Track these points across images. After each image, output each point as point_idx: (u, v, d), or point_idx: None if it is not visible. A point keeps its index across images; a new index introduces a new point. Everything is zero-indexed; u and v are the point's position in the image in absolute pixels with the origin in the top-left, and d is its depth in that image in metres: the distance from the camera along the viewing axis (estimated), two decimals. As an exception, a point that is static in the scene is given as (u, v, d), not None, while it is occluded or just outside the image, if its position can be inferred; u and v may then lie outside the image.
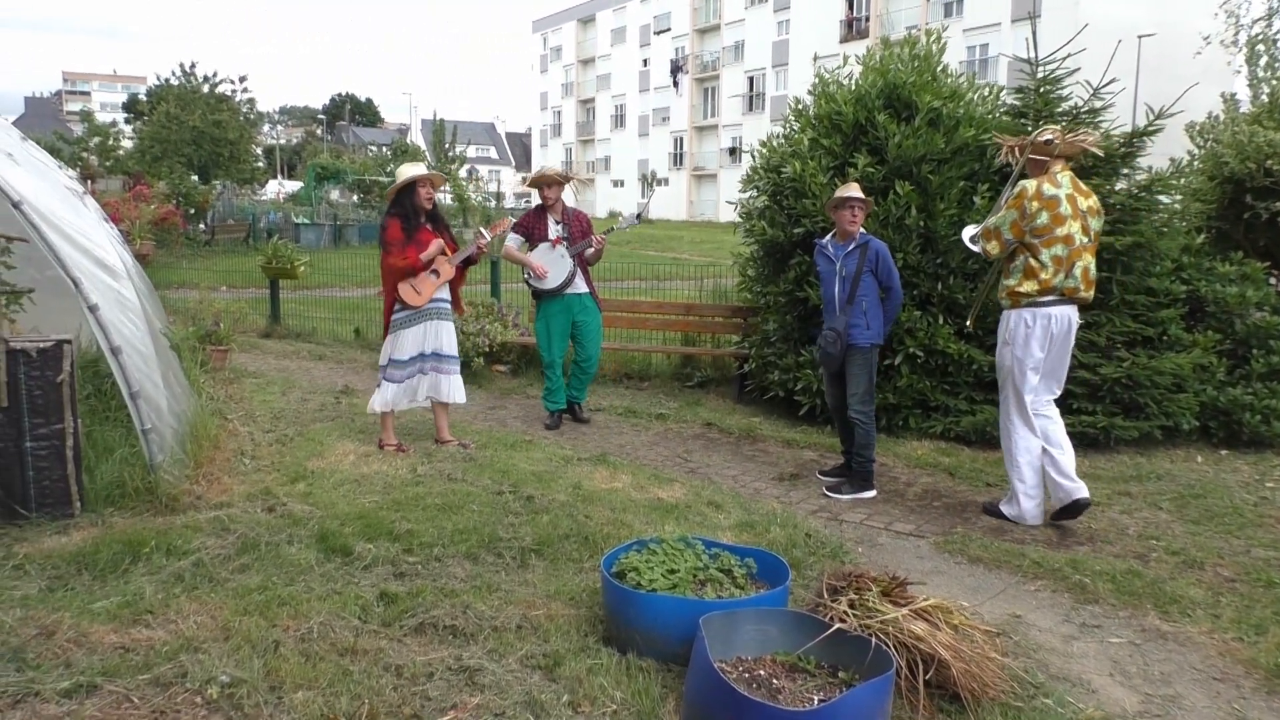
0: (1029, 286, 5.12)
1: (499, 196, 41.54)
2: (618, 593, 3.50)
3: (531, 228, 7.30)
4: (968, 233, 5.63)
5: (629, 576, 3.60)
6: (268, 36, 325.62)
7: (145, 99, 43.78)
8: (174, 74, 34.59)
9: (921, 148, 7.00)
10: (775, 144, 8.16)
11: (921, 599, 3.43)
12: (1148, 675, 3.59)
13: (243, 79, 35.78)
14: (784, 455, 6.73)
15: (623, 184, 66.70)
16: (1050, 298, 5.12)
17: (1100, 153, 5.67)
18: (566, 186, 7.41)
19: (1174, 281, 7.21)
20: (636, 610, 3.44)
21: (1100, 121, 7.17)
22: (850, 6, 47.34)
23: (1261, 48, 8.64)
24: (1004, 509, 5.39)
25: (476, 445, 6.45)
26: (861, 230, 5.87)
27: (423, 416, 7.35)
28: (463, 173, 41.21)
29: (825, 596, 3.50)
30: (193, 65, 34.46)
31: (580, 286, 7.27)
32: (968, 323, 6.23)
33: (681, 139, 61.43)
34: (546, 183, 7.23)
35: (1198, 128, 8.76)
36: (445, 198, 36.85)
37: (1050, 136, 5.20)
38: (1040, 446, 5.25)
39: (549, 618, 3.76)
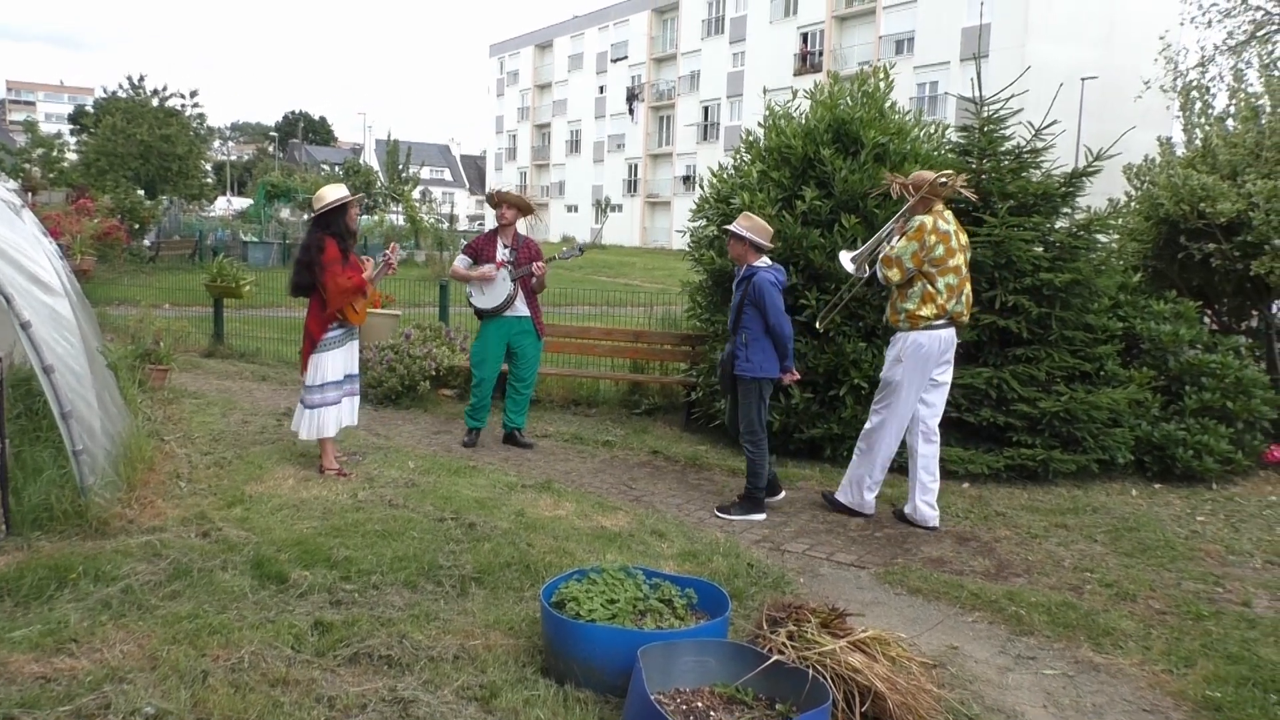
0: (928, 310, 5.65)
1: (452, 219, 41.37)
2: (556, 623, 3.47)
3: (481, 250, 7.36)
4: (845, 256, 6.03)
5: (568, 606, 3.58)
6: (222, 52, 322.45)
7: (92, 111, 43.05)
8: (121, 86, 34.11)
9: (867, 182, 7.12)
10: (725, 175, 8.25)
11: (860, 630, 3.45)
12: (1080, 707, 3.64)
13: (193, 93, 35.43)
14: (729, 484, 6.73)
15: (576, 209, 66.86)
16: (942, 321, 5.71)
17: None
18: (524, 217, 7.49)
19: (1111, 318, 7.39)
20: (575, 641, 3.41)
21: (1041, 161, 7.36)
22: (804, 41, 48.15)
23: (1195, 94, 8.93)
24: (841, 498, 6.02)
25: (420, 471, 6.39)
26: (754, 263, 5.88)
27: (364, 440, 7.26)
28: (416, 194, 41.02)
29: (765, 628, 3.51)
30: (141, 78, 34.06)
31: (521, 310, 7.33)
32: (818, 324, 6.66)
33: (636, 166, 61.79)
34: (508, 203, 7.33)
35: (1135, 170, 9.01)
36: (397, 218, 36.70)
37: (945, 180, 5.69)
38: (895, 450, 5.93)
39: (487, 648, 3.71)
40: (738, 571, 4.72)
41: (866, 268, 5.95)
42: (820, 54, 46.72)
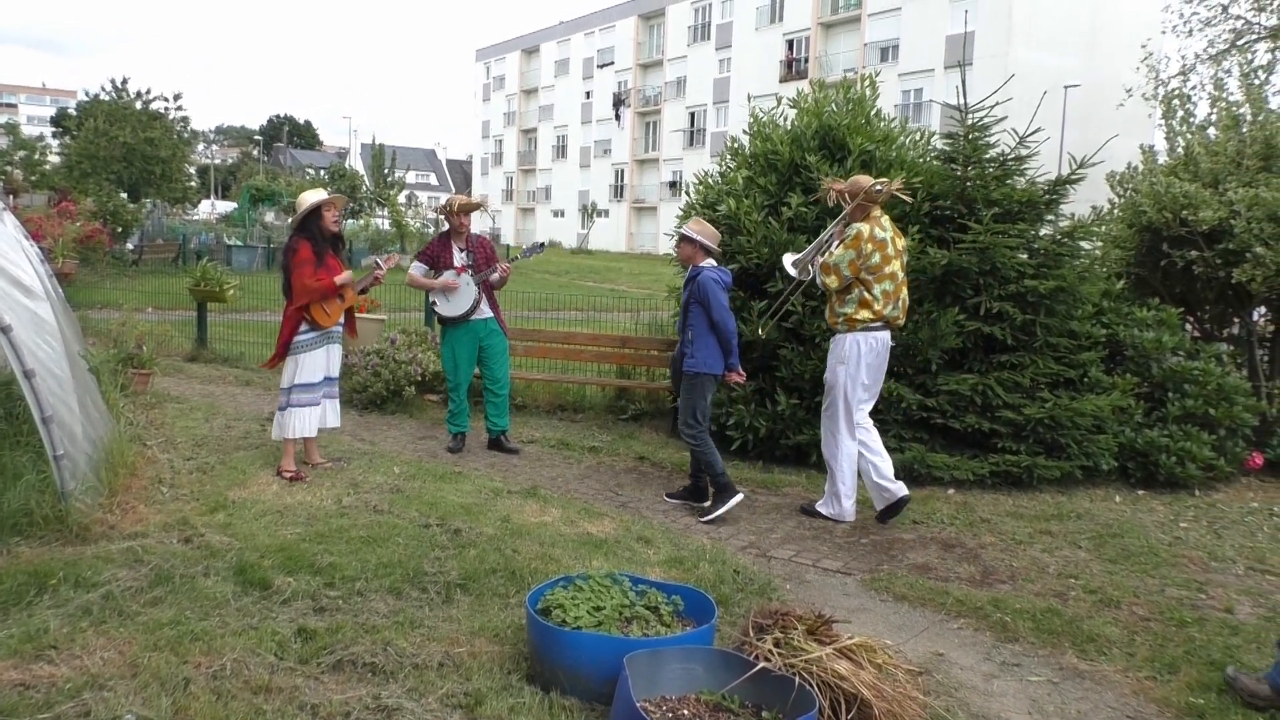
0: (864, 315, 5.85)
1: (437, 223, 41.26)
2: (542, 630, 3.46)
3: (437, 256, 7.37)
4: (787, 259, 6.26)
5: (554, 613, 3.56)
6: (207, 56, 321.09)
7: (74, 114, 42.76)
8: (104, 89, 33.90)
9: (855, 189, 7.12)
10: (711, 181, 8.25)
11: (846, 637, 3.45)
12: (1065, 714, 3.65)
13: (177, 96, 35.18)
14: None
15: (563, 214, 66.85)
16: (878, 324, 5.90)
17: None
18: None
19: (1095, 325, 7.43)
20: (560, 648, 3.40)
21: (1025, 169, 7.40)
22: (790, 48, 48.30)
23: (1176, 102, 9.00)
24: (822, 509, 6.06)
25: (405, 476, 6.36)
26: (699, 264, 6.07)
27: (349, 445, 7.23)
28: (401, 198, 40.89)
29: (751, 635, 3.50)
30: (124, 81, 33.83)
31: (486, 312, 7.36)
32: (760, 331, 6.84)
33: (622, 171, 61.83)
34: (466, 210, 7.39)
35: (1118, 177, 9.06)
36: (383, 222, 36.57)
37: (880, 187, 5.87)
38: (857, 450, 5.96)
39: (472, 655, 3.69)
40: (724, 578, 4.71)
41: (809, 269, 6.15)
42: (806, 61, 46.86)
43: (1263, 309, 8.59)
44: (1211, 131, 8.71)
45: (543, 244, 8.93)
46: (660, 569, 4.83)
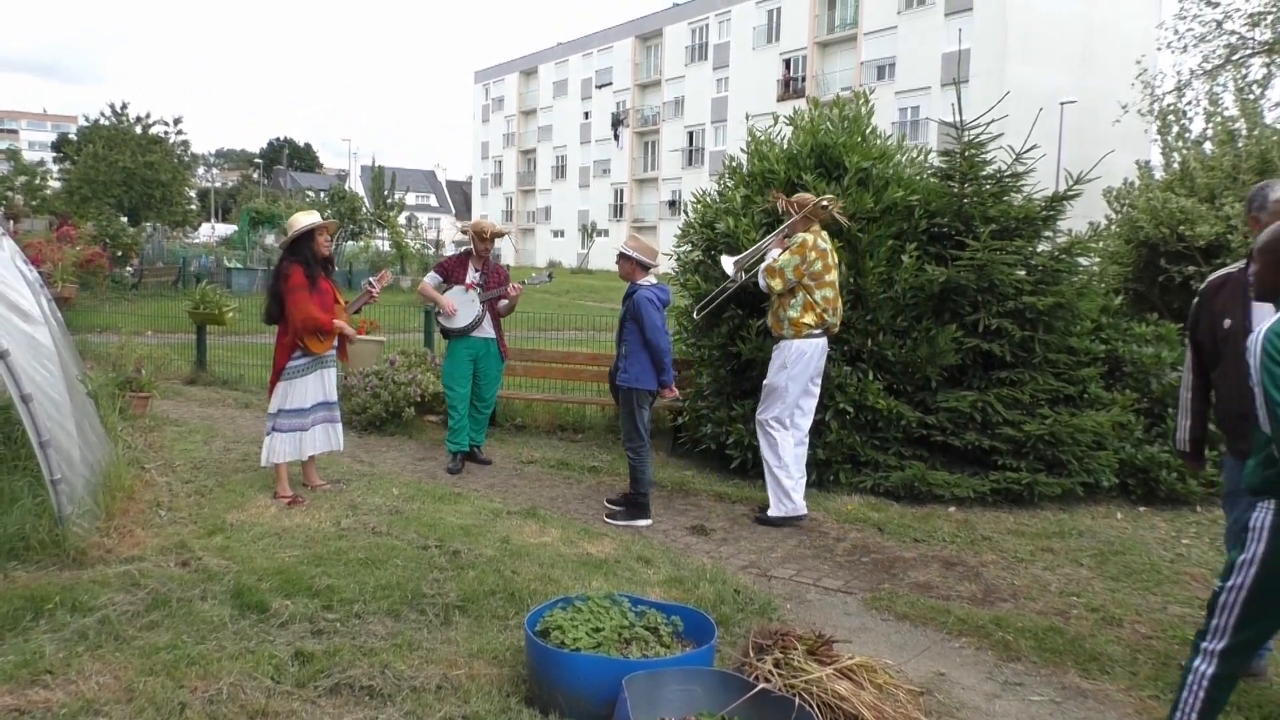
0: (809, 318, 6.12)
1: (438, 245, 41.35)
2: (540, 652, 3.44)
3: (452, 270, 7.61)
4: (727, 260, 6.58)
5: (553, 635, 3.54)
6: (207, 80, 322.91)
7: (75, 139, 43.00)
8: (104, 115, 34.08)
9: (851, 207, 7.13)
10: (709, 200, 8.27)
11: (847, 657, 3.43)
12: (1068, 733, 3.62)
13: (177, 121, 35.42)
14: (716, 509, 6.71)
15: (563, 234, 67.02)
16: (819, 330, 6.18)
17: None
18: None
19: (1094, 341, 7.42)
20: (559, 670, 3.38)
21: (1022, 185, 7.41)
22: (787, 67, 48.57)
23: (1172, 118, 9.04)
24: (773, 513, 6.21)
25: (404, 498, 6.34)
26: (639, 281, 6.26)
27: (348, 467, 7.22)
28: (401, 219, 40.98)
29: (751, 655, 3.49)
30: (124, 106, 34.03)
31: (488, 331, 7.55)
32: (695, 314, 7.26)
33: (622, 191, 62.04)
34: (495, 235, 7.66)
35: (1115, 193, 9.10)
36: (383, 244, 36.66)
37: (827, 204, 6.24)
38: (791, 438, 6.24)
39: (470, 677, 3.67)
40: (724, 598, 4.69)
41: (743, 274, 6.45)
42: (803, 80, 47.12)
43: (1261, 323, 8.58)
44: (1207, 146, 8.75)
45: (550, 273, 9.06)
46: (660, 589, 4.81)
